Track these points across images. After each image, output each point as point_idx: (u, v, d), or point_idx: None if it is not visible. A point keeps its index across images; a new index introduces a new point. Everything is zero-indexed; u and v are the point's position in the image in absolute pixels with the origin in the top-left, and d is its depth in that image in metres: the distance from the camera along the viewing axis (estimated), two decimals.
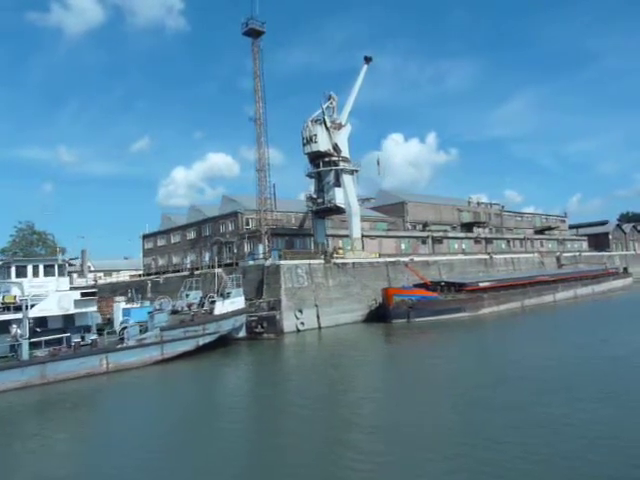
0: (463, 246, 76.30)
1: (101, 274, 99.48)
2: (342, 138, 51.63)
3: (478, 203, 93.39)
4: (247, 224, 58.42)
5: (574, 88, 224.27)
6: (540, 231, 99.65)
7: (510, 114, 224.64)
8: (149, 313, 29.85)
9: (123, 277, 76.52)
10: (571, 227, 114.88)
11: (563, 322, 42.97)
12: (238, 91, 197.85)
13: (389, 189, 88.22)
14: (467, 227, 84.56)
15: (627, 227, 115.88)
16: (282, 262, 43.62)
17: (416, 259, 56.95)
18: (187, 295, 37.54)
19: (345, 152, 52.32)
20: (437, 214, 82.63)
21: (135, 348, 27.50)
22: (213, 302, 33.56)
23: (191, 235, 67.12)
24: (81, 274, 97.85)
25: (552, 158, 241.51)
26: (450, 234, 76.42)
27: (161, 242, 73.51)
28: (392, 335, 40.18)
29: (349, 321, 45.62)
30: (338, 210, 51.35)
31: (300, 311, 42.55)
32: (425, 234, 72.57)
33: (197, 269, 53.37)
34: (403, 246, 67.98)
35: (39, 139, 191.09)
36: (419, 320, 43.55)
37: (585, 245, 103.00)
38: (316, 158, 51.52)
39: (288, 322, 41.90)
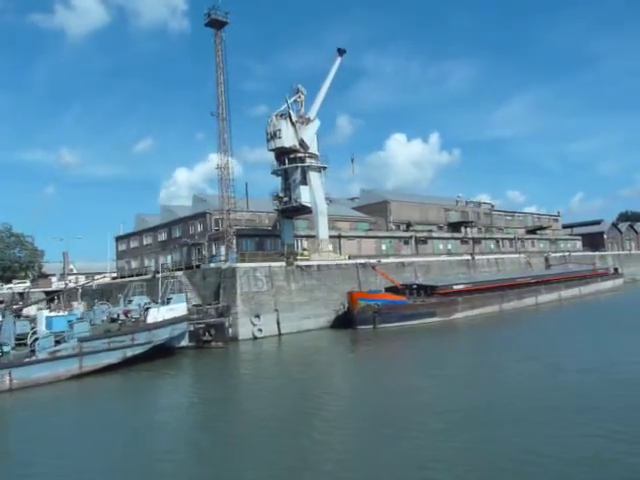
0: (449, 247, 73.53)
1: (82, 277, 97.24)
2: (309, 134, 48.94)
3: (466, 202, 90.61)
4: (216, 225, 55.86)
5: (574, 89, 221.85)
6: (532, 231, 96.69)
7: (511, 115, 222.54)
8: (69, 322, 27.26)
9: (108, 280, 74.07)
10: (565, 227, 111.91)
11: (532, 329, 40.01)
12: (240, 93, 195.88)
13: (372, 188, 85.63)
14: (454, 227, 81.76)
15: (623, 226, 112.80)
16: (238, 265, 41.03)
17: (390, 261, 54.35)
18: (130, 301, 35.07)
19: (313, 148, 49.65)
20: (423, 214, 79.85)
21: (47, 361, 24.91)
22: (147, 309, 30.98)
23: (162, 237, 64.70)
24: (61, 277, 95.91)
25: (554, 158, 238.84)
26: (435, 234, 73.60)
27: (134, 244, 71.15)
28: (354, 343, 37.54)
29: (313, 327, 42.96)
30: (304, 209, 48.67)
31: (257, 317, 39.94)
32: (408, 234, 69.82)
33: (157, 272, 50.79)
34: (384, 247, 65.28)
35: (42, 142, 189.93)
36: (386, 326, 40.87)
37: (579, 245, 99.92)
38: (282, 155, 48.89)
39: (244, 329, 39.33)
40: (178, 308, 32.26)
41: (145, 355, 29.71)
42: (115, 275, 73.86)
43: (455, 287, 46.70)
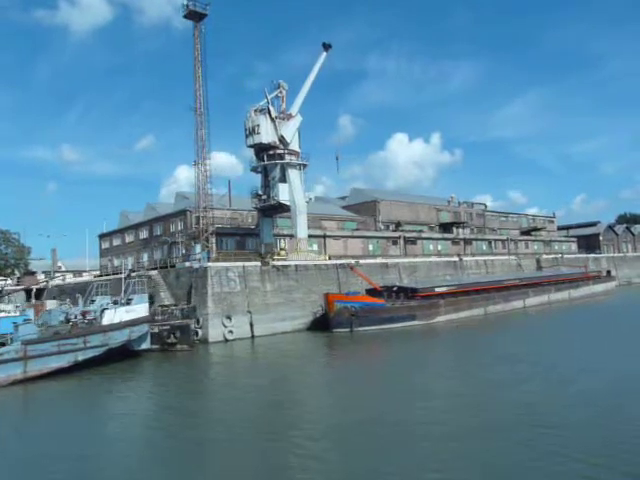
0: (439, 247, 72.04)
1: (70, 274, 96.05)
2: (290, 130, 47.35)
3: (459, 203, 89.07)
4: (197, 223, 54.34)
5: (577, 90, 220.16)
6: (527, 232, 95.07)
7: (513, 115, 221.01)
8: (14, 324, 25.76)
9: (89, 278, 72.72)
10: (561, 228, 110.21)
11: (512, 334, 38.43)
12: (244, 91, 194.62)
13: (362, 187, 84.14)
14: (446, 228, 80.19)
15: (619, 228, 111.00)
16: (210, 264, 39.57)
17: (372, 261, 52.90)
18: (93, 301, 33.58)
19: (294, 145, 48.08)
20: (413, 214, 78.28)
21: None
22: (104, 310, 29.49)
23: (144, 234, 63.20)
24: (47, 274, 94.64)
25: (556, 159, 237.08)
26: (425, 235, 72.03)
27: (116, 242, 69.69)
28: (326, 347, 36.06)
29: (289, 329, 41.48)
30: (283, 208, 47.14)
31: (229, 318, 38.48)
32: (396, 234, 68.28)
33: (133, 271, 49.37)
34: (371, 247, 63.83)
35: (45, 139, 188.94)
36: (363, 329, 39.44)
37: (574, 246, 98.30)
38: (261, 151, 47.38)
39: (214, 331, 37.88)
40: (138, 309, 30.77)
41: (100, 359, 28.28)
42: (98, 273, 72.61)
43: (437, 289, 45.11)
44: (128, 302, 30.98)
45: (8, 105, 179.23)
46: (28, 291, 70.69)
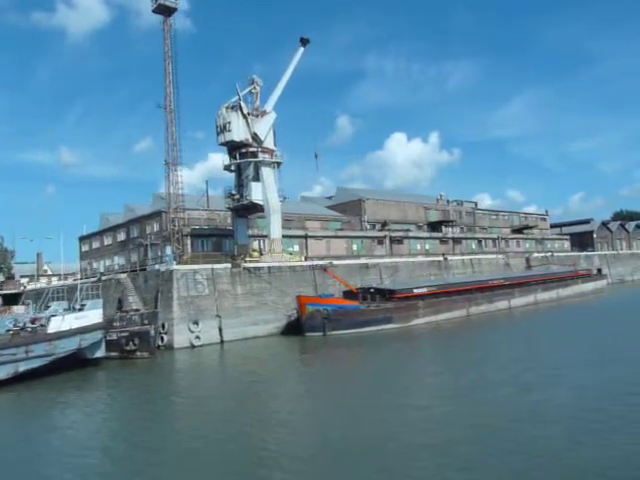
0: (427, 247, 70.51)
1: (55, 278, 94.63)
2: (264, 127, 45.81)
3: (448, 201, 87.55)
4: (173, 224, 52.78)
5: (575, 89, 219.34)
6: (519, 230, 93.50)
7: (512, 114, 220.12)
8: None
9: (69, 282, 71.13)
10: (554, 226, 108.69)
11: (488, 337, 36.85)
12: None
13: (348, 186, 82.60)
14: (434, 226, 78.65)
15: (614, 225, 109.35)
16: (176, 267, 38.01)
17: (351, 262, 51.31)
18: (48, 307, 32.06)
19: (269, 143, 46.56)
20: (401, 213, 76.74)
21: None
22: (52, 316, 27.89)
23: (121, 236, 61.68)
24: (32, 278, 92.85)
25: (554, 157, 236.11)
26: (412, 234, 70.45)
27: (95, 244, 68.13)
28: (297, 353, 34.49)
29: (262, 334, 39.89)
30: (257, 208, 45.59)
31: (195, 323, 36.90)
32: (382, 234, 66.74)
33: (104, 274, 47.92)
34: (355, 247, 62.28)
35: (44, 142, 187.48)
36: (336, 333, 37.85)
37: (567, 244, 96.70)
38: (234, 149, 45.82)
39: (180, 336, 36.33)
40: (91, 315, 29.18)
41: (47, 369, 26.69)
42: (79, 277, 71.13)
43: (416, 290, 43.41)
44: (81, 308, 29.39)
45: (6, 108, 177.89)
46: (7, 296, 69.10)
